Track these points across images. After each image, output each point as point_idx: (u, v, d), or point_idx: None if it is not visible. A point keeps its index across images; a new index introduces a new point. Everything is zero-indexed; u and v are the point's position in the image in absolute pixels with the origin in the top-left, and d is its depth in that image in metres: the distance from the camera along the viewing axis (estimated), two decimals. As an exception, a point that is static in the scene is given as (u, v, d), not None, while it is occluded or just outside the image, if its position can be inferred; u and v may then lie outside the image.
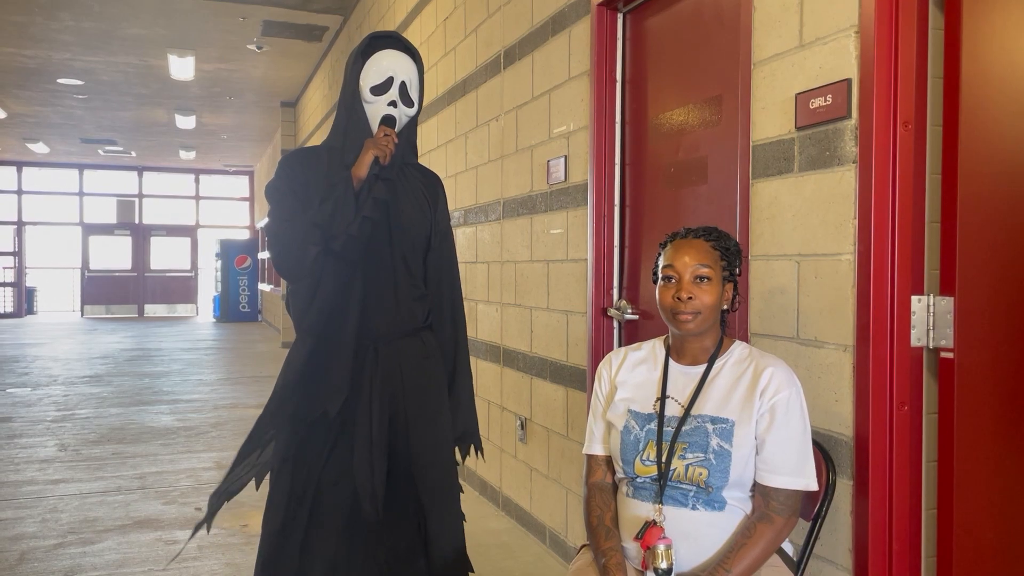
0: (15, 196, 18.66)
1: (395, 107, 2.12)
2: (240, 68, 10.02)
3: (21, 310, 18.66)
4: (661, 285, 1.73)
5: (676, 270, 1.70)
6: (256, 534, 3.60)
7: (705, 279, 1.69)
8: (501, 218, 3.99)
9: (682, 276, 1.70)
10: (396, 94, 2.12)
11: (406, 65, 2.14)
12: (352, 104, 2.13)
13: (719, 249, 1.72)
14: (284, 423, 2.11)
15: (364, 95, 2.12)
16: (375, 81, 2.11)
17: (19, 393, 7.61)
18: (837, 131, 1.87)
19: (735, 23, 2.29)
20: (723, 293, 1.72)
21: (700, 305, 1.68)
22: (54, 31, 8.33)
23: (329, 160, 2.12)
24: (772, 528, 1.60)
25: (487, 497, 4.19)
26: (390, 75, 2.11)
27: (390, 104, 2.12)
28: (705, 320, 1.70)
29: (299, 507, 2.11)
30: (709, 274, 1.69)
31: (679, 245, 1.73)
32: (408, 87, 2.14)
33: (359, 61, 2.13)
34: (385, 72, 2.11)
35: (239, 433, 5.84)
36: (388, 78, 2.11)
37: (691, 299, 1.68)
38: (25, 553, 3.41)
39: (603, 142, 3.00)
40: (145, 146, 16.16)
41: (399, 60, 2.13)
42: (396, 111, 2.13)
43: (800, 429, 1.64)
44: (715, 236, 1.74)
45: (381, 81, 2.11)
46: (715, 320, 1.73)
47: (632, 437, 1.71)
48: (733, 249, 1.75)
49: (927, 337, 1.76)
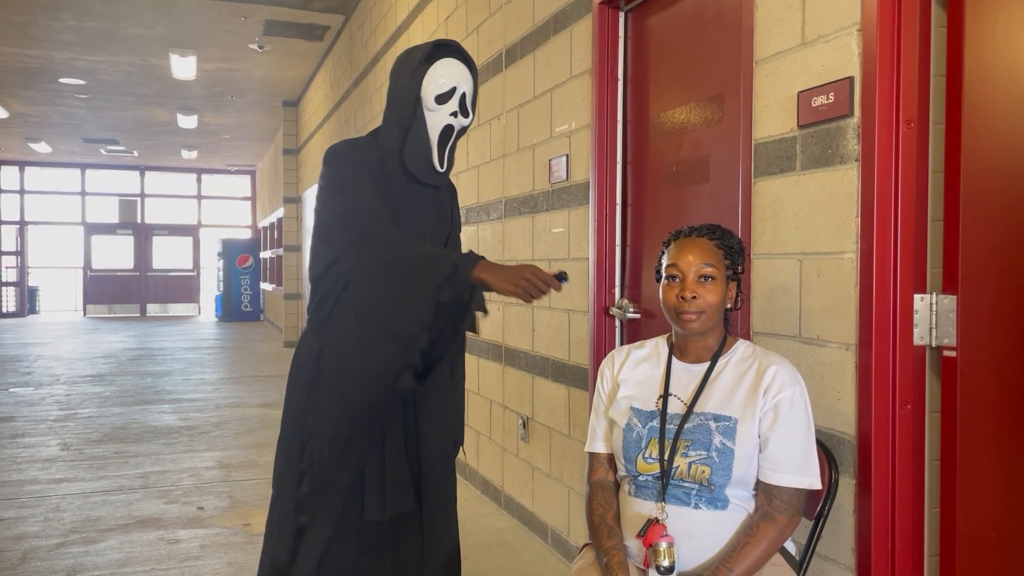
0: (18, 196, 18.68)
1: (455, 117, 2.13)
2: (242, 67, 10.02)
3: (24, 310, 18.68)
4: (665, 284, 1.73)
5: (680, 269, 1.70)
6: (259, 533, 3.60)
7: (709, 278, 1.69)
8: (503, 217, 3.99)
9: (686, 275, 1.69)
10: (457, 105, 2.12)
11: (467, 76, 2.15)
12: (413, 110, 2.12)
13: (723, 248, 1.72)
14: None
15: (426, 103, 2.11)
16: (440, 90, 2.10)
17: (22, 392, 7.62)
18: (839, 129, 1.87)
19: (737, 21, 2.28)
20: (727, 292, 1.72)
21: (704, 304, 1.68)
22: (56, 31, 8.34)
23: (383, 160, 2.11)
24: (775, 527, 1.60)
25: (489, 496, 4.19)
26: (454, 85, 2.11)
27: (451, 115, 2.12)
28: (709, 320, 1.70)
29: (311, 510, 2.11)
30: (713, 273, 1.69)
31: (683, 244, 1.73)
32: (467, 99, 2.15)
33: (422, 67, 2.11)
34: (450, 82, 2.11)
35: (241, 432, 5.85)
36: (452, 88, 2.11)
37: (695, 298, 1.68)
38: (28, 552, 3.41)
39: (605, 141, 3.00)
40: (147, 146, 16.17)
41: (462, 71, 2.13)
42: (456, 121, 2.14)
43: (804, 427, 1.64)
44: (719, 235, 1.73)
45: (445, 91, 2.11)
46: (719, 319, 1.72)
47: (634, 434, 1.71)
48: (736, 247, 1.75)
49: (930, 336, 1.76)
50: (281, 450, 2.19)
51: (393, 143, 2.13)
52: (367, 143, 2.15)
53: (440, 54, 2.13)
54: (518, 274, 1.89)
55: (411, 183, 2.13)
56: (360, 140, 2.17)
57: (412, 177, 2.13)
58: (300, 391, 2.14)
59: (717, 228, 1.75)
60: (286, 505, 2.12)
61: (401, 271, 1.99)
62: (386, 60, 6.47)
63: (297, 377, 2.17)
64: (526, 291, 1.88)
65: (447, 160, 2.17)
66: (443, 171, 2.17)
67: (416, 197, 2.14)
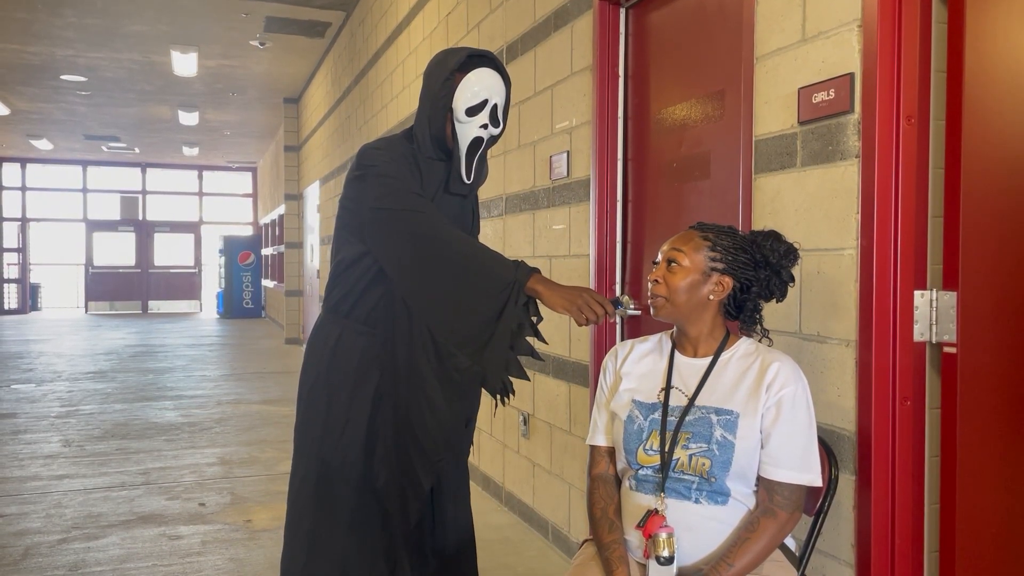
0: (19, 193, 18.69)
1: (485, 129, 2.11)
2: (243, 64, 10.02)
3: (25, 306, 18.69)
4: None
5: (659, 256, 1.75)
6: (261, 529, 3.61)
7: (674, 263, 1.70)
8: (504, 214, 3.99)
9: (660, 261, 1.74)
10: (487, 116, 2.10)
11: (500, 87, 2.12)
12: (443, 120, 2.10)
13: (712, 240, 1.71)
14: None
15: (457, 114, 2.08)
16: (471, 103, 2.08)
17: (24, 389, 7.63)
18: (840, 125, 1.87)
19: (737, 17, 2.28)
20: (704, 282, 1.70)
21: (665, 290, 1.70)
22: (58, 28, 8.34)
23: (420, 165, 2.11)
24: (775, 522, 1.60)
25: (490, 493, 4.20)
26: (486, 97, 2.09)
27: (482, 127, 2.10)
28: (677, 305, 1.70)
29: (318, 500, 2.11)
30: (679, 258, 1.70)
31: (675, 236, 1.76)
32: (498, 109, 2.13)
33: (454, 76, 2.09)
34: (481, 94, 2.08)
35: (242, 429, 5.86)
36: (484, 100, 2.09)
37: (657, 282, 1.71)
38: (30, 548, 3.42)
39: (605, 137, 3.00)
40: (148, 142, 16.18)
41: (495, 82, 2.11)
42: (485, 132, 2.12)
43: (805, 424, 1.64)
44: (713, 230, 1.73)
45: (477, 103, 2.08)
46: (695, 307, 1.71)
47: (635, 426, 1.71)
48: (731, 246, 1.72)
49: (930, 332, 1.76)
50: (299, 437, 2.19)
51: (425, 149, 2.12)
52: (403, 144, 2.14)
53: (473, 64, 2.09)
54: (575, 293, 1.86)
55: (441, 190, 2.14)
56: (396, 139, 2.16)
57: (444, 186, 2.13)
58: (313, 377, 2.15)
59: (717, 227, 1.75)
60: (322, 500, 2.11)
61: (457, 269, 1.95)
62: (387, 57, 6.47)
63: (311, 363, 2.17)
64: (580, 311, 1.84)
65: (475, 171, 2.16)
66: (471, 182, 2.15)
67: (444, 204, 2.14)
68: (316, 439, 2.13)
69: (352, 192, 2.09)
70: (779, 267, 1.72)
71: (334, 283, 2.14)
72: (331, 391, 2.12)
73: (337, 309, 2.14)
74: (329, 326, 2.15)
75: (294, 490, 2.18)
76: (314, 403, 2.15)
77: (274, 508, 3.87)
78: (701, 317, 1.72)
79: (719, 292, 1.72)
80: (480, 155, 2.15)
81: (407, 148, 2.12)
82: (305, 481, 2.15)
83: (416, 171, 2.09)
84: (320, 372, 2.14)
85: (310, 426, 2.15)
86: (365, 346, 2.10)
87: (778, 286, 1.74)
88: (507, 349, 1.92)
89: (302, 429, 2.19)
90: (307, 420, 2.17)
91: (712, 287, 1.71)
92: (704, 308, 1.72)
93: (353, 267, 2.09)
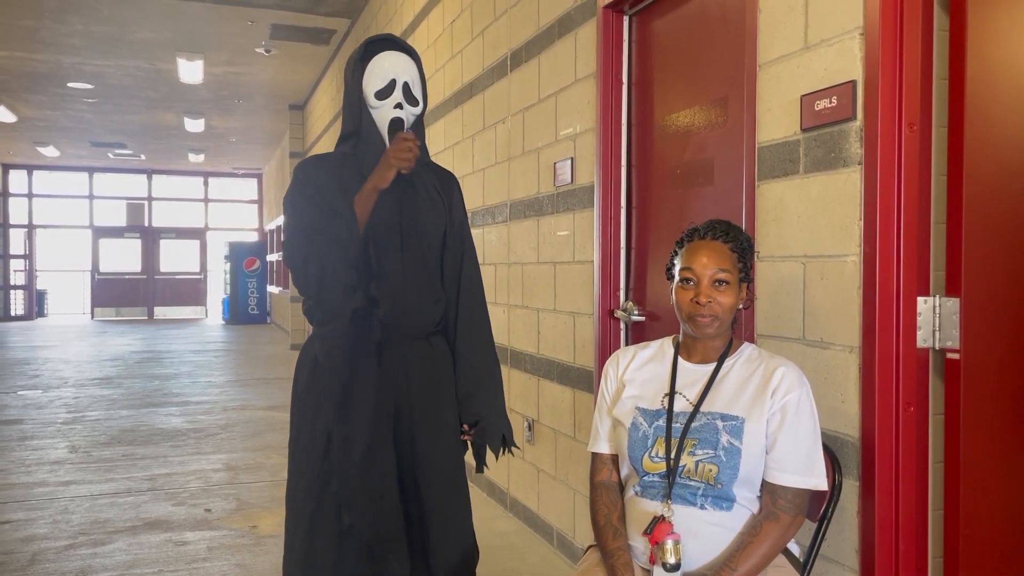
0: (26, 199, 18.76)
1: (401, 108, 2.12)
2: (249, 71, 10.06)
3: (32, 313, 18.76)
4: (679, 286, 1.73)
5: (695, 273, 1.70)
6: (266, 535, 3.62)
7: (723, 283, 1.69)
8: (508, 220, 4.00)
9: (701, 280, 1.70)
10: (400, 95, 2.11)
11: (406, 65, 2.13)
12: (358, 110, 2.13)
13: (736, 251, 1.72)
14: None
15: (369, 101, 2.11)
16: (378, 85, 2.10)
17: (30, 395, 7.65)
18: (842, 132, 1.88)
19: (740, 25, 2.29)
20: (740, 294, 1.73)
21: (718, 309, 1.69)
22: (64, 35, 8.39)
23: (343, 166, 2.12)
24: (778, 526, 1.61)
25: (495, 498, 4.20)
26: (392, 77, 2.10)
27: (396, 107, 2.11)
28: (724, 323, 1.72)
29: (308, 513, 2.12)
30: (728, 278, 1.69)
31: (697, 247, 1.72)
32: (411, 86, 2.13)
33: (359, 67, 2.13)
34: (387, 75, 2.10)
35: (248, 435, 5.87)
36: (391, 81, 2.10)
37: (710, 303, 1.68)
38: (36, 554, 3.43)
39: (609, 144, 3.01)
40: (154, 149, 16.24)
41: (398, 61, 2.13)
42: (403, 112, 2.12)
43: (810, 429, 1.64)
44: (732, 236, 1.73)
45: (384, 85, 2.10)
46: (731, 319, 1.74)
47: (640, 434, 1.72)
48: (747, 247, 1.75)
49: (933, 338, 1.76)
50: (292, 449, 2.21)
51: (348, 147, 2.14)
52: (326, 155, 2.17)
53: (375, 50, 2.13)
54: (384, 157, 2.01)
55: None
56: (323, 154, 2.20)
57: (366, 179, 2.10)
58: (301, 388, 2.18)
59: (730, 228, 1.75)
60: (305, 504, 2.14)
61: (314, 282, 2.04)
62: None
63: (299, 377, 2.20)
64: (400, 161, 1.99)
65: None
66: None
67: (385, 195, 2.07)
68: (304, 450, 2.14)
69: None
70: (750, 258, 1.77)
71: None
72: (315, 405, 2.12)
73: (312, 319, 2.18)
74: (312, 340, 2.18)
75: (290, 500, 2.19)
76: (302, 416, 2.16)
77: (280, 514, 3.87)
78: (729, 326, 1.75)
79: (743, 299, 1.75)
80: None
81: (328, 160, 2.15)
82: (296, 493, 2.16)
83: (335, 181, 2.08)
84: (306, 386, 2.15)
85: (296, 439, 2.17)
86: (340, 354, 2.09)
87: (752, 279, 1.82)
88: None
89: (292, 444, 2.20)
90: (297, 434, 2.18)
91: (742, 296, 1.74)
92: (732, 317, 1.74)
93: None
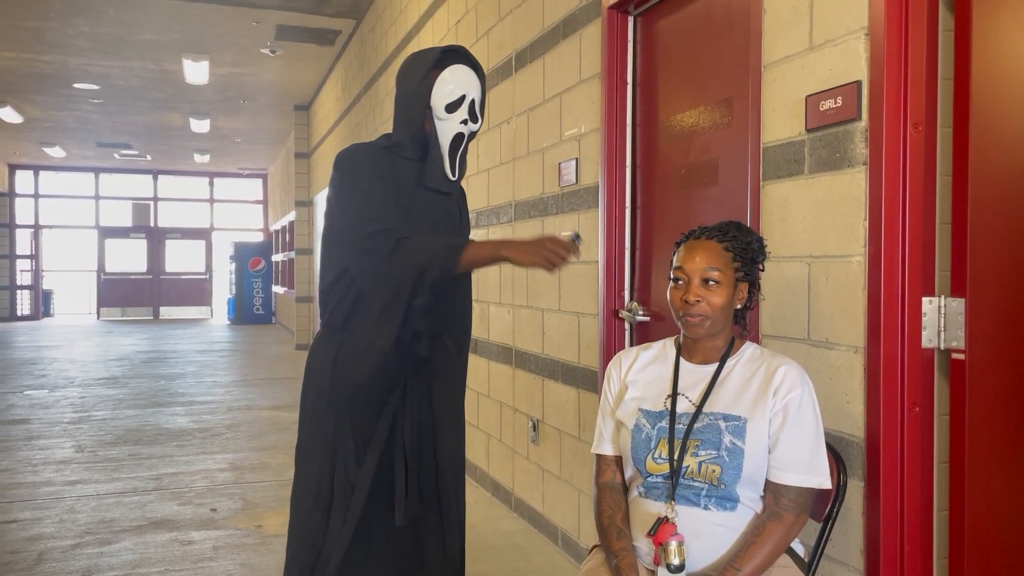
0: (32, 200, 18.83)
1: (465, 124, 2.13)
2: (254, 72, 10.08)
3: (38, 313, 18.82)
4: (671, 286, 1.74)
5: (685, 272, 1.71)
6: (272, 534, 3.63)
7: (713, 282, 1.69)
8: (513, 220, 4.00)
9: (691, 279, 1.70)
10: (467, 112, 2.12)
11: (475, 82, 2.14)
12: (421, 118, 2.12)
13: (732, 250, 1.72)
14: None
15: (437, 111, 2.10)
16: (450, 99, 2.10)
17: (36, 395, 7.68)
18: (847, 133, 1.88)
19: (745, 26, 2.29)
20: (735, 293, 1.72)
21: (707, 308, 1.68)
22: (70, 36, 8.42)
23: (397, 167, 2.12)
24: (782, 526, 1.61)
25: (499, 499, 4.20)
26: (463, 93, 2.11)
27: (462, 122, 2.12)
28: (715, 323, 1.70)
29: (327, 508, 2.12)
30: (718, 277, 1.69)
31: (691, 246, 1.73)
32: (476, 104, 2.15)
33: (430, 74, 2.11)
34: (459, 90, 2.10)
35: (253, 434, 5.88)
36: (461, 96, 2.11)
37: (699, 302, 1.68)
38: (43, 553, 3.45)
39: (614, 144, 3.01)
40: (160, 150, 16.28)
41: (470, 77, 2.13)
42: (466, 128, 2.14)
43: (813, 427, 1.64)
44: (730, 236, 1.73)
45: (455, 99, 2.10)
46: (726, 321, 1.73)
47: (643, 435, 1.72)
48: (755, 246, 1.74)
49: (938, 338, 1.76)
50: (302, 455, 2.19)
51: (405, 150, 2.13)
52: (378, 147, 2.15)
53: (448, 61, 2.12)
54: (538, 245, 1.91)
55: (422, 190, 2.14)
56: (371, 144, 2.17)
57: (426, 186, 2.13)
58: (315, 395, 2.14)
59: (730, 228, 1.75)
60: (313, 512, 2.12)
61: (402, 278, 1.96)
62: (396, 64, 6.48)
63: (312, 381, 2.16)
64: (548, 260, 1.90)
65: (459, 167, 2.17)
66: (455, 179, 2.17)
67: (426, 204, 2.15)
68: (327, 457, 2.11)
69: (327, 208, 2.12)
70: (759, 259, 1.77)
71: (326, 298, 2.13)
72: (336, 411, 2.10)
73: (332, 324, 2.13)
74: (327, 342, 2.14)
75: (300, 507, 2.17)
76: (319, 423, 2.13)
77: (285, 514, 3.87)
78: (726, 326, 1.74)
79: (741, 299, 1.74)
80: (462, 151, 2.17)
81: (380, 152, 2.12)
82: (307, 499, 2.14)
83: (389, 175, 2.08)
84: (322, 390, 2.12)
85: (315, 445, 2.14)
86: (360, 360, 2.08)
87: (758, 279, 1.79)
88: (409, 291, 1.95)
89: (306, 449, 2.17)
90: (312, 439, 2.15)
91: (739, 295, 1.74)
92: (730, 318, 1.74)
93: (341, 280, 2.08)
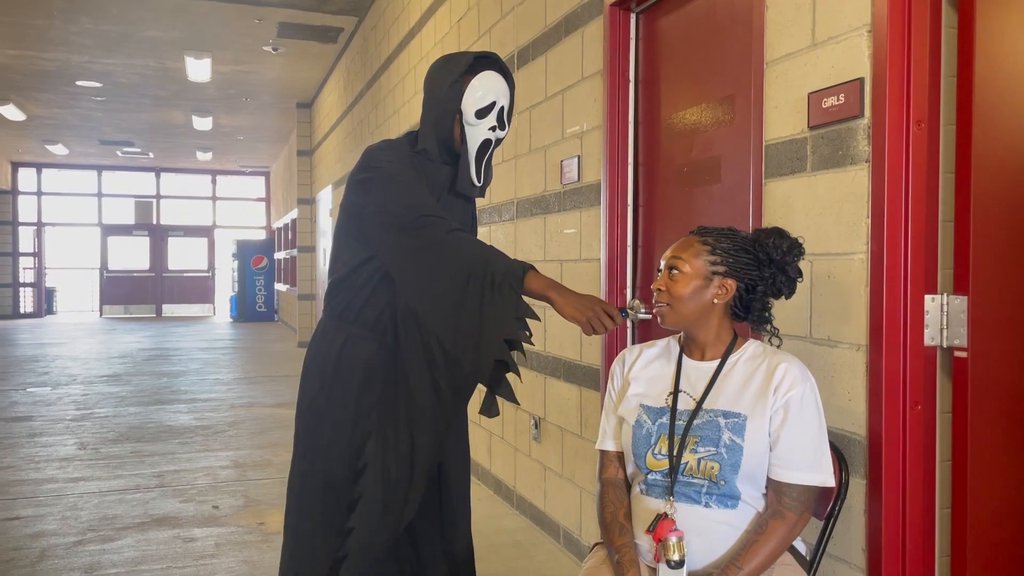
0: (35, 197, 18.86)
1: (493, 131, 2.13)
2: (256, 70, 10.08)
3: (41, 310, 18.85)
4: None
5: (660, 264, 1.76)
6: (274, 532, 3.63)
7: (675, 270, 1.71)
8: (515, 218, 4.00)
9: (662, 269, 1.75)
10: (495, 119, 2.12)
11: (506, 90, 2.14)
12: (450, 122, 2.11)
13: (711, 245, 1.71)
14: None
15: (467, 116, 2.10)
16: (480, 105, 2.09)
17: (39, 392, 7.69)
18: (850, 130, 1.87)
19: (748, 23, 2.29)
20: (709, 287, 1.70)
21: (668, 297, 1.71)
22: (73, 34, 8.43)
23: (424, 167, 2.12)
24: (784, 524, 1.61)
25: (501, 496, 4.20)
26: (494, 99, 2.11)
27: (490, 128, 2.12)
28: (682, 314, 1.71)
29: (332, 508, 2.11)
30: (680, 265, 1.71)
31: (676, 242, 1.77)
32: (505, 112, 2.15)
33: (462, 79, 2.10)
34: (490, 96, 2.10)
35: (255, 432, 5.89)
36: (492, 102, 2.11)
37: (660, 290, 1.73)
38: (45, 550, 3.45)
39: (616, 142, 3.01)
40: (162, 147, 16.30)
41: (501, 84, 2.13)
42: (493, 135, 2.14)
43: (815, 425, 1.64)
44: (712, 233, 1.73)
45: (485, 105, 2.10)
46: (700, 313, 1.71)
47: (644, 431, 1.72)
48: (733, 247, 1.71)
49: (941, 336, 1.76)
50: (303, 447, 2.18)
51: (431, 153, 2.13)
52: (406, 147, 2.14)
53: (480, 67, 2.11)
54: (588, 303, 1.80)
55: (448, 194, 2.15)
56: (398, 142, 2.17)
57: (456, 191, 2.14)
58: (316, 387, 2.14)
59: (718, 229, 1.75)
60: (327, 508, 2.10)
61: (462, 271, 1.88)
62: (399, 62, 6.50)
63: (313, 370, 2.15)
64: (589, 322, 1.79)
65: (484, 173, 2.17)
66: (480, 184, 2.17)
67: (455, 208, 2.17)
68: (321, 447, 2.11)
69: (357, 196, 2.07)
70: (784, 264, 1.71)
71: (337, 289, 2.12)
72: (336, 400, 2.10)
73: (341, 316, 2.12)
74: (332, 333, 2.13)
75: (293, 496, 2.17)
76: (318, 413, 2.13)
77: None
78: (708, 322, 1.73)
79: (723, 295, 1.71)
80: (488, 157, 2.17)
81: (410, 151, 2.13)
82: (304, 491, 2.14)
83: (421, 173, 2.10)
84: (324, 380, 2.12)
85: (313, 435, 2.13)
86: (371, 352, 2.09)
87: (785, 283, 1.73)
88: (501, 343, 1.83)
89: (304, 438, 2.17)
90: (309, 429, 2.15)
91: (715, 291, 1.71)
92: (709, 312, 1.72)
93: (358, 272, 2.07)
